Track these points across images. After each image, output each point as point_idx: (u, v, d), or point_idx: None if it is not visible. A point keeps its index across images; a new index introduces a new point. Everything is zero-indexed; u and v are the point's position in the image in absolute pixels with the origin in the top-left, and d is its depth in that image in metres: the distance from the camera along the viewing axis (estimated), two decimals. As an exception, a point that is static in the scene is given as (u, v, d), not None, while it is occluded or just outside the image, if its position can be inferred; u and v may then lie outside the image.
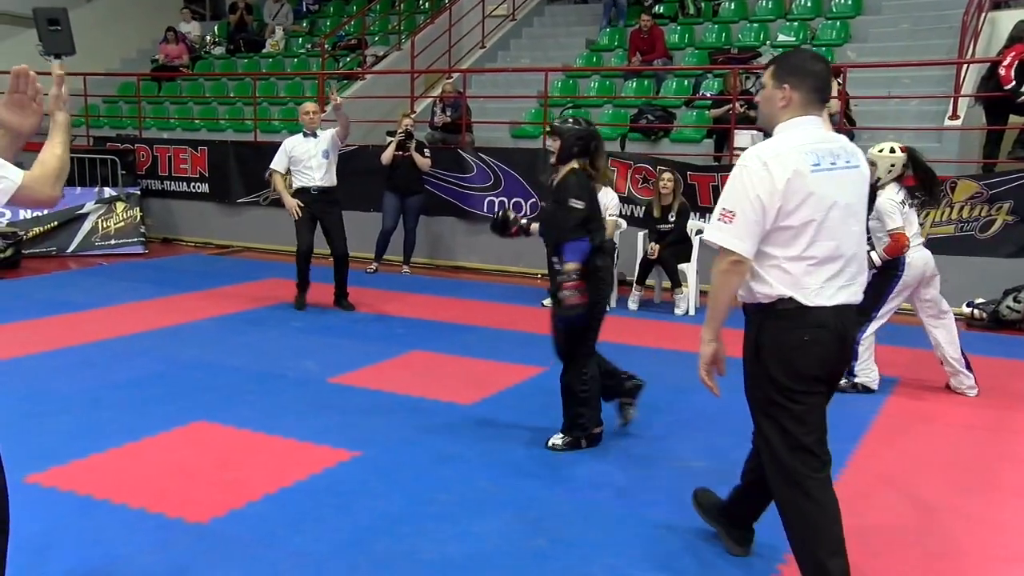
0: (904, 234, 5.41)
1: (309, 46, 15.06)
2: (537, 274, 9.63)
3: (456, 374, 5.94)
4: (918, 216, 5.70)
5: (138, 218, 11.25)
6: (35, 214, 10.68)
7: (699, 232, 8.57)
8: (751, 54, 11.22)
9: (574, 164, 4.49)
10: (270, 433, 4.69)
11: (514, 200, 10.14)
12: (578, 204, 4.33)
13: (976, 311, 7.76)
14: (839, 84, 9.08)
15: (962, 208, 8.14)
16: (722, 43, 12.10)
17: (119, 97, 14.74)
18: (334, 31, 14.77)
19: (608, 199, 8.27)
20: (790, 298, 2.80)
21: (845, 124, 9.03)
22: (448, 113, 10.86)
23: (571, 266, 4.32)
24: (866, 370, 5.65)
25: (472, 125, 11.15)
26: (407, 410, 5.16)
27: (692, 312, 8.07)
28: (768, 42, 11.66)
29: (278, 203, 11.40)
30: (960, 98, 9.27)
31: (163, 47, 14.97)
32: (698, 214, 8.98)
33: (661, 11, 13.06)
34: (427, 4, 15.44)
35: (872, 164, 5.50)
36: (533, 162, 10.05)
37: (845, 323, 2.87)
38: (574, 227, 4.34)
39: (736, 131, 9.41)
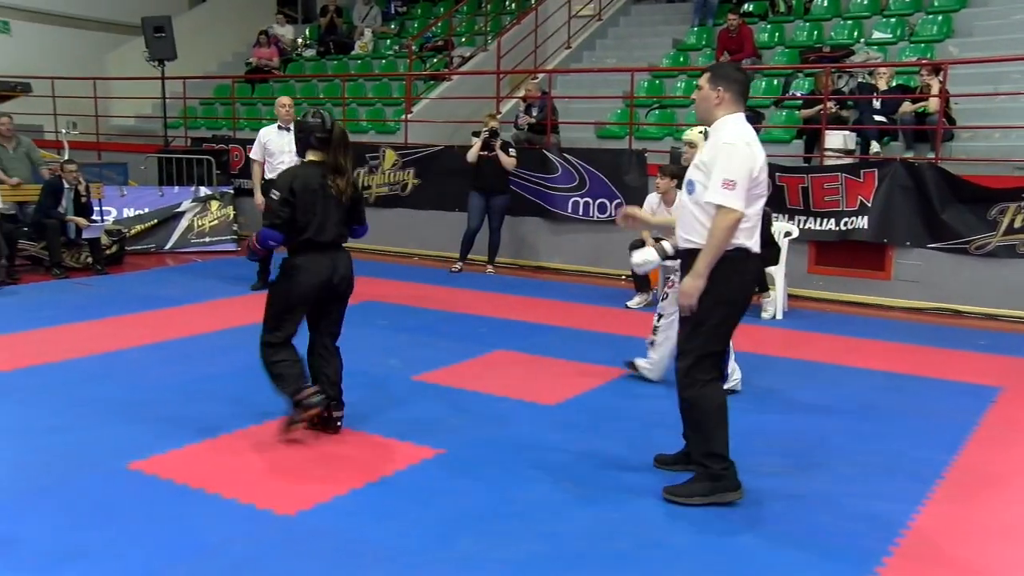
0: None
1: (397, 48, 15.30)
2: (621, 275, 9.58)
3: (539, 374, 5.95)
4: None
5: (231, 216, 11.60)
6: (137, 212, 11.14)
7: (788, 235, 8.40)
8: (844, 52, 10.93)
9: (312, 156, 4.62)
10: (355, 429, 4.78)
11: (599, 201, 10.10)
12: (275, 194, 4.47)
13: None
14: (940, 82, 8.77)
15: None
16: (813, 41, 11.82)
17: (215, 99, 15.22)
18: (421, 32, 14.96)
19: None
20: (743, 247, 3.74)
21: (944, 123, 8.71)
22: (533, 113, 10.88)
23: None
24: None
25: (557, 125, 11.15)
26: (490, 409, 5.20)
27: (779, 316, 7.91)
28: (862, 39, 11.33)
29: (366, 202, 11.64)
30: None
31: (256, 50, 15.41)
32: (786, 216, 8.79)
33: (750, 9, 12.83)
34: (513, 5, 15.50)
35: (692, 146, 5.47)
36: (618, 163, 10.00)
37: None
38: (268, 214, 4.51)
39: (828, 131, 9.18)
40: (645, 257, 5.11)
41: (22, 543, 3.42)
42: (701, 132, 5.44)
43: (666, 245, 5.29)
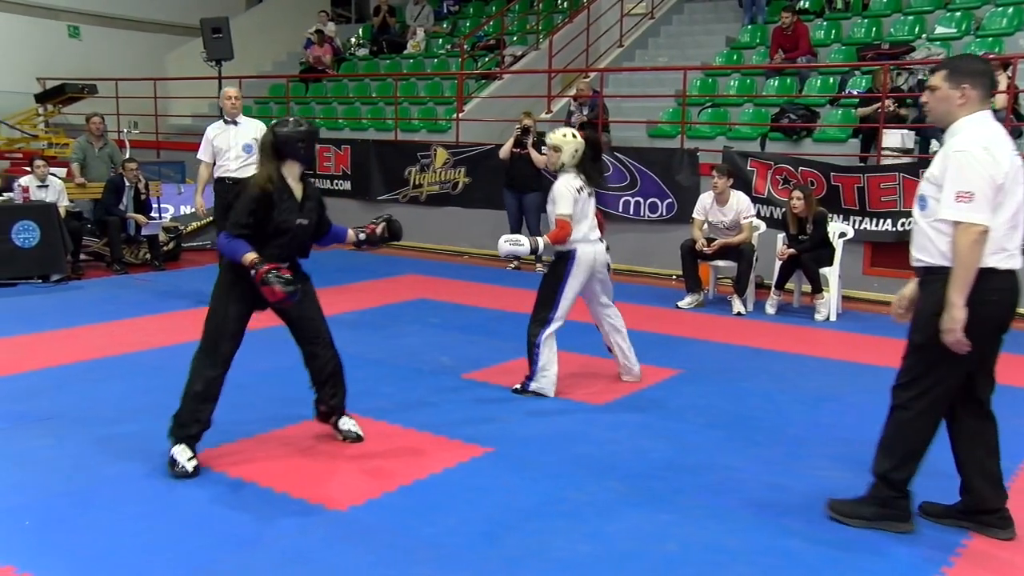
0: (568, 222, 5.17)
1: (449, 47, 15.37)
2: (672, 275, 9.51)
3: (589, 374, 5.94)
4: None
5: (285, 214, 11.74)
6: (193, 209, 11.34)
7: (842, 235, 8.26)
8: (904, 49, 10.69)
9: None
10: (406, 426, 4.82)
11: (650, 200, 10.04)
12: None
13: None
14: (1008, 77, 8.53)
15: None
16: (871, 38, 11.58)
17: (269, 98, 15.45)
18: (473, 32, 15.01)
19: (741, 203, 8.09)
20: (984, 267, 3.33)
21: (1012, 120, 8.48)
22: (584, 112, 10.86)
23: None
24: (544, 374, 5.36)
25: (609, 124, 11.11)
26: (539, 408, 5.20)
27: (833, 317, 7.79)
28: (924, 35, 11.07)
29: (417, 200, 11.75)
30: None
31: (311, 49, 15.60)
32: (840, 216, 8.64)
33: (806, 6, 12.63)
34: (565, 4, 15.47)
35: (556, 149, 5.29)
36: (670, 162, 9.93)
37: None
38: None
39: (885, 131, 9.00)
40: (511, 249, 5.20)
41: (87, 530, 3.52)
42: (565, 135, 5.35)
43: (540, 240, 5.32)
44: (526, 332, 5.43)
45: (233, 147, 7.72)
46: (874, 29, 11.77)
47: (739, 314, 7.94)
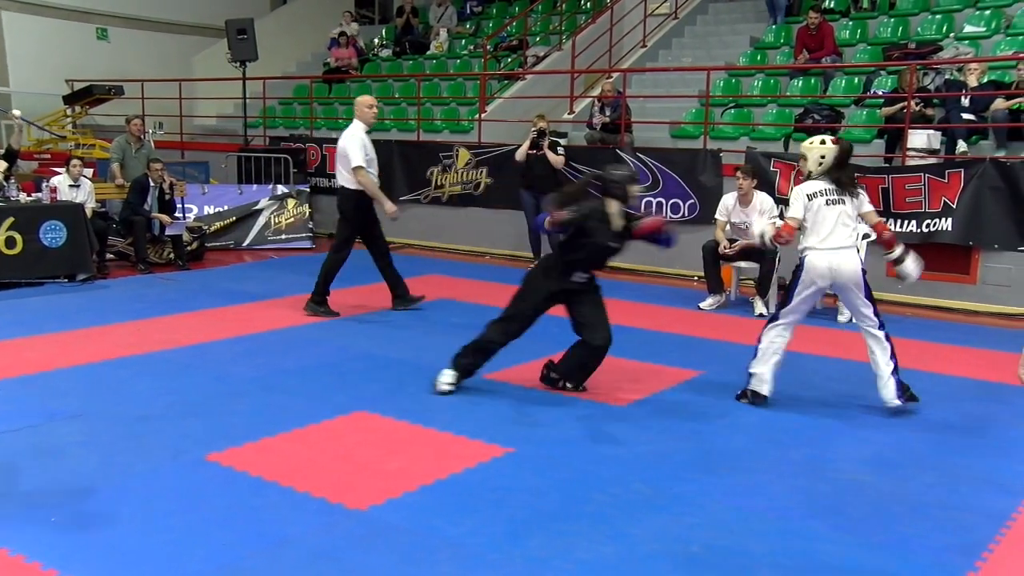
0: (791, 225, 5.14)
1: (472, 47, 15.39)
2: (694, 276, 9.47)
3: (611, 374, 5.91)
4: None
5: (307, 214, 11.83)
6: (217, 209, 11.44)
7: (866, 237, 8.18)
8: (931, 48, 10.59)
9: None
10: (427, 426, 4.83)
11: (672, 201, 10.00)
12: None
13: None
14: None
15: None
16: (898, 38, 11.48)
17: (293, 99, 15.54)
18: (496, 32, 15.02)
19: (764, 203, 8.04)
20: None
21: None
22: (607, 113, 10.83)
23: None
24: (754, 370, 5.28)
25: (632, 125, 11.07)
26: (560, 409, 5.19)
27: (844, 319, 7.71)
28: (952, 34, 10.95)
29: (439, 201, 11.77)
30: None
31: (334, 50, 15.67)
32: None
33: (831, 6, 12.53)
34: (588, 4, 15.45)
35: (802, 157, 5.26)
36: (693, 163, 9.89)
37: None
38: None
39: (911, 131, 8.92)
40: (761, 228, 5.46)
41: (114, 526, 3.55)
42: (811, 142, 5.30)
43: (767, 232, 5.36)
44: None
45: (374, 159, 7.55)
46: (900, 28, 11.66)
47: (761, 315, 7.89)
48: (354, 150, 7.34)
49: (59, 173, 9.68)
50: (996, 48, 10.30)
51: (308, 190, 12.11)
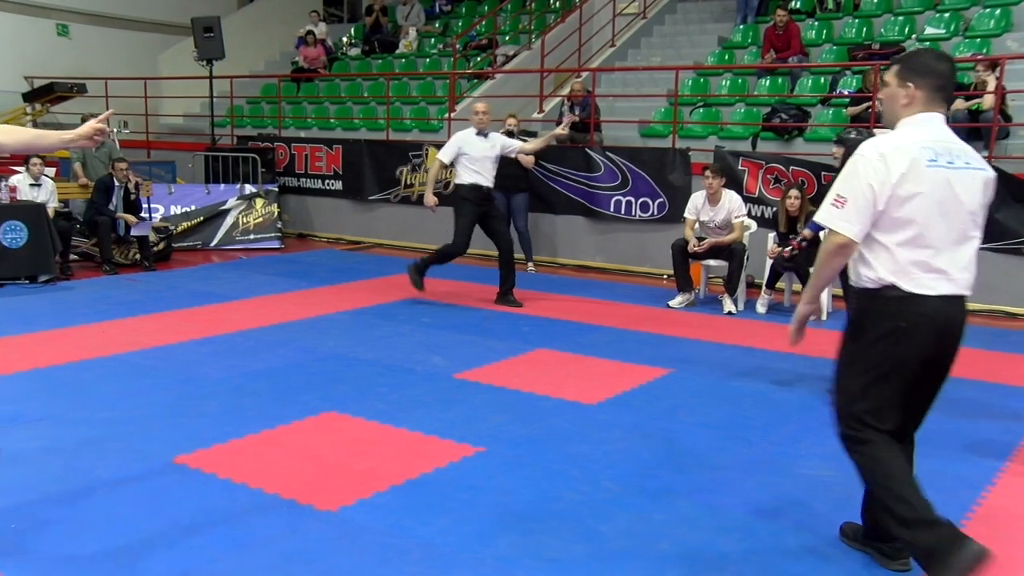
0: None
1: (441, 46, 15.35)
2: (663, 275, 9.52)
3: (581, 373, 5.94)
4: None
5: (276, 214, 11.73)
6: (184, 209, 11.32)
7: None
8: (894, 49, 10.72)
9: None
10: (397, 426, 4.81)
11: (641, 200, 10.05)
12: None
13: None
14: (996, 78, 8.58)
15: None
16: (863, 38, 11.62)
17: (261, 98, 15.41)
18: (465, 31, 15.00)
19: (733, 202, 8.11)
20: (893, 285, 3.02)
21: (999, 120, 8.52)
22: (577, 112, 10.86)
23: None
24: None
25: (601, 124, 11.11)
26: (532, 408, 5.19)
27: (824, 317, 7.81)
28: (914, 36, 11.12)
29: (408, 200, 11.73)
30: None
31: (303, 50, 15.56)
32: (833, 216, 8.64)
33: (798, 6, 12.66)
34: (557, 3, 15.47)
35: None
36: (662, 162, 9.94)
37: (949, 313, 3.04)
38: None
39: (876, 130, 9.02)
40: None
41: (78, 532, 3.50)
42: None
43: None
44: None
45: (489, 157, 8.11)
46: (865, 29, 11.81)
47: (730, 313, 7.96)
48: (445, 145, 8.24)
49: (18, 172, 9.51)
50: (955, 49, 10.46)
51: (276, 190, 12.01)
